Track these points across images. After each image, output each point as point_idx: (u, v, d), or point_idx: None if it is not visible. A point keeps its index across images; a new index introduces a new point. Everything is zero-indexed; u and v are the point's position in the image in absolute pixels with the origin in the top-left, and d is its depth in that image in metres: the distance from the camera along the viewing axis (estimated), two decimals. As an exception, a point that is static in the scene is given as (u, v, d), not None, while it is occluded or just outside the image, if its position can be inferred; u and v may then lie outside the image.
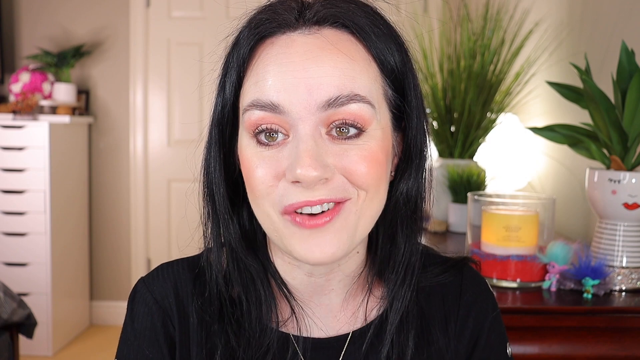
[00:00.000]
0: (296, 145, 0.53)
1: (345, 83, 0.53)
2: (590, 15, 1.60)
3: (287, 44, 0.54)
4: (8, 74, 3.41)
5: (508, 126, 1.85)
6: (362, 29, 0.55)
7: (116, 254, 3.57)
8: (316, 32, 0.54)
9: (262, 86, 0.54)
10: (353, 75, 0.53)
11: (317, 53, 0.53)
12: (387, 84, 0.57)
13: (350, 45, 0.55)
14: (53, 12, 3.45)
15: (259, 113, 0.54)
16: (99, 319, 3.57)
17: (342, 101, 0.53)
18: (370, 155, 0.54)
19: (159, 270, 0.67)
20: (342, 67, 0.53)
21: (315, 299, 0.64)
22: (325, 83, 0.52)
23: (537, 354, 0.98)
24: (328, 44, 0.54)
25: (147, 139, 3.55)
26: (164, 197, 3.57)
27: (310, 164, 0.51)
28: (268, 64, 0.54)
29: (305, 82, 0.52)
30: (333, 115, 0.53)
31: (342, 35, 0.55)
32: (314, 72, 0.52)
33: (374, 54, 0.56)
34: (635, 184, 1.05)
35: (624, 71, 1.06)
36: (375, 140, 0.55)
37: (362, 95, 0.54)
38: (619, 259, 1.09)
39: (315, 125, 0.53)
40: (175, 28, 3.48)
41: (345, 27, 0.55)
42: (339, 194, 0.54)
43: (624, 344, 0.99)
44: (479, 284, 0.70)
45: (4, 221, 3.05)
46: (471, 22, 1.79)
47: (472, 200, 1.19)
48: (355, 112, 0.53)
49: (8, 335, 2.19)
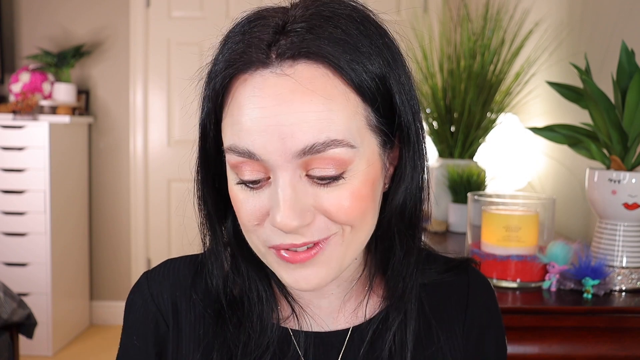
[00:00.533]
0: (275, 190, 0.52)
1: (321, 128, 0.50)
2: (590, 15, 1.60)
3: (260, 85, 0.51)
4: (8, 74, 3.41)
5: (508, 126, 1.85)
6: (337, 62, 0.51)
7: (116, 254, 3.57)
8: (289, 70, 0.50)
9: (237, 131, 0.52)
10: (329, 117, 0.50)
11: (288, 97, 0.50)
12: (370, 111, 0.54)
13: (326, 81, 0.51)
14: (53, 12, 3.45)
15: (237, 158, 0.53)
16: (99, 319, 3.57)
17: (318, 148, 0.50)
18: (352, 193, 0.53)
19: (162, 265, 0.68)
20: (317, 109, 0.50)
21: (314, 302, 0.64)
22: (298, 131, 0.50)
23: (537, 354, 0.98)
24: (300, 86, 0.50)
25: (147, 139, 3.54)
26: (164, 197, 3.57)
27: (288, 215, 0.51)
28: (242, 106, 0.52)
29: (278, 131, 0.50)
30: (311, 161, 0.51)
31: (316, 70, 0.51)
32: (286, 119, 0.50)
33: (352, 84, 0.52)
34: (635, 184, 1.05)
35: (624, 71, 1.06)
36: (358, 177, 0.53)
37: (339, 140, 0.51)
38: (619, 259, 1.09)
39: (294, 170, 0.51)
40: (175, 28, 3.48)
41: (320, 59, 0.51)
42: (322, 234, 0.54)
43: (624, 344, 0.99)
44: (485, 285, 0.70)
45: (4, 221, 3.05)
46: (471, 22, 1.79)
47: (472, 200, 1.19)
48: (334, 157, 0.51)
49: (8, 335, 2.19)
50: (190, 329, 0.64)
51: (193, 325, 0.64)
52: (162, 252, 3.58)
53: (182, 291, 0.65)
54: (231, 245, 0.63)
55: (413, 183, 0.59)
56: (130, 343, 0.66)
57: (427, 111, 1.81)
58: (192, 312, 0.65)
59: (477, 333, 0.67)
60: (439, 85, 1.80)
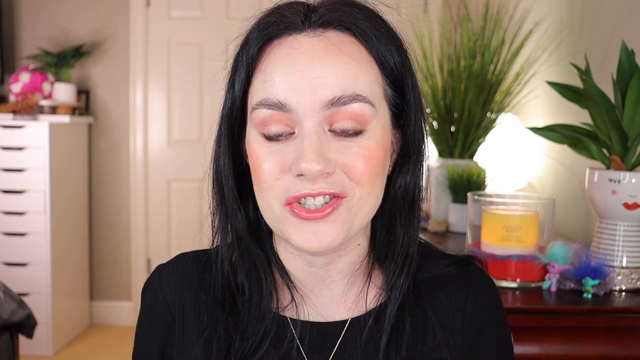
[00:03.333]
0: (301, 140, 0.56)
1: (348, 83, 0.56)
2: (590, 15, 1.60)
3: (293, 46, 0.57)
4: (8, 74, 3.41)
5: (508, 126, 1.85)
6: (364, 31, 0.58)
7: (116, 254, 3.57)
8: (321, 35, 0.57)
9: (269, 86, 0.57)
10: (355, 76, 0.56)
11: (321, 54, 0.56)
12: (387, 84, 0.60)
13: (353, 47, 0.57)
14: (53, 12, 3.45)
15: (266, 111, 0.57)
16: (99, 319, 3.57)
17: (344, 100, 0.55)
18: (369, 152, 0.57)
19: (174, 259, 0.72)
20: (345, 67, 0.56)
21: (316, 290, 0.65)
22: (329, 83, 0.55)
23: (537, 354, 0.99)
24: (331, 45, 0.56)
25: (147, 139, 3.55)
26: (164, 197, 3.57)
27: (313, 159, 0.54)
28: (275, 64, 0.57)
29: (310, 82, 0.55)
30: (336, 114, 0.56)
31: (345, 38, 0.58)
32: (319, 72, 0.55)
33: (375, 55, 0.59)
34: (635, 184, 1.05)
35: (624, 71, 1.06)
36: (375, 139, 0.58)
37: (363, 95, 0.56)
38: (619, 259, 1.09)
39: (319, 122, 0.56)
40: (175, 28, 3.48)
41: (348, 29, 0.58)
42: (337, 187, 0.57)
43: (624, 344, 0.99)
44: (486, 280, 0.71)
45: (4, 221, 3.05)
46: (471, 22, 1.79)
47: (472, 200, 1.19)
48: (357, 111, 0.56)
49: (8, 335, 2.19)
50: (194, 318, 0.67)
51: (197, 314, 0.67)
52: (162, 252, 3.58)
53: (188, 282, 0.69)
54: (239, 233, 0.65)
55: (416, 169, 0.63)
56: (141, 332, 0.71)
57: (427, 111, 1.81)
58: (197, 302, 0.68)
59: (477, 330, 0.67)
60: (439, 85, 1.80)
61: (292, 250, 0.64)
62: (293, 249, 0.63)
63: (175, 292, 0.69)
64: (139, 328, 0.72)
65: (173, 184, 3.57)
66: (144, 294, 0.71)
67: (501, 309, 0.71)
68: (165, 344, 0.69)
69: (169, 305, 0.68)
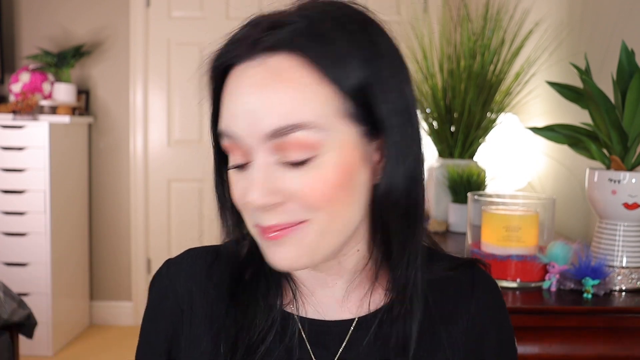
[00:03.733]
0: (251, 172, 0.57)
1: (288, 113, 0.54)
2: (590, 15, 1.60)
3: (240, 76, 0.57)
4: (8, 74, 3.41)
5: (508, 126, 1.85)
6: (314, 54, 0.55)
7: (116, 254, 3.57)
8: (263, 63, 0.56)
9: (222, 116, 0.58)
10: (296, 103, 0.54)
11: (260, 85, 0.55)
12: (348, 101, 0.56)
13: (298, 71, 0.55)
14: (53, 12, 3.45)
15: (226, 140, 0.58)
16: (99, 319, 3.57)
17: (285, 131, 0.54)
18: (323, 179, 0.55)
19: (183, 253, 0.72)
20: (285, 97, 0.54)
21: (319, 291, 0.66)
22: (268, 115, 0.54)
23: (537, 354, 0.99)
24: (272, 74, 0.55)
25: (147, 139, 3.54)
26: (164, 197, 3.57)
27: (256, 191, 0.55)
28: (226, 94, 0.58)
29: (250, 115, 0.55)
30: (281, 145, 0.55)
31: (290, 62, 0.55)
32: (258, 104, 0.55)
33: (330, 76, 0.55)
34: (635, 184, 1.05)
35: (624, 71, 1.06)
36: (329, 163, 0.56)
37: (305, 123, 0.54)
38: (619, 259, 1.09)
39: (269, 152, 0.56)
40: (175, 28, 3.48)
41: (299, 52, 0.55)
42: (292, 217, 0.57)
43: (624, 344, 0.99)
44: (490, 283, 0.71)
45: (4, 221, 3.04)
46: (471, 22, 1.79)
47: (472, 200, 1.19)
48: (301, 140, 0.54)
49: (8, 335, 2.19)
50: (203, 312, 0.68)
51: (206, 308, 0.68)
52: (162, 252, 3.58)
53: (197, 276, 0.69)
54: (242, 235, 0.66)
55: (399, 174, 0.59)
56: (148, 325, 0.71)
57: (427, 111, 1.81)
58: (206, 296, 0.68)
59: (480, 332, 0.68)
60: (439, 85, 1.80)
61: None
62: None
63: (184, 286, 0.69)
64: (145, 321, 0.72)
65: (173, 184, 3.57)
66: (151, 287, 0.72)
67: (504, 313, 0.71)
68: (172, 337, 0.69)
69: (178, 298, 0.69)
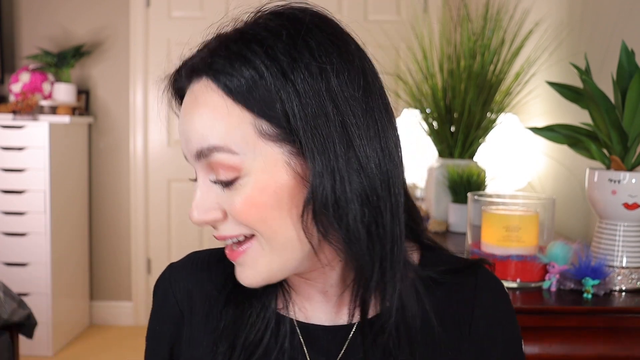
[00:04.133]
0: (195, 189, 0.60)
1: (205, 136, 0.57)
2: (590, 15, 1.60)
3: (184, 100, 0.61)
4: (8, 74, 3.41)
5: (508, 126, 1.85)
6: (219, 76, 0.57)
7: (116, 254, 3.57)
8: (191, 87, 0.60)
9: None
10: (213, 126, 0.57)
11: (188, 109, 0.59)
12: (264, 122, 0.55)
13: (213, 95, 0.57)
14: (53, 12, 3.45)
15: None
16: (99, 319, 3.57)
17: (205, 153, 0.57)
18: (245, 199, 0.56)
19: (186, 257, 0.74)
20: (203, 120, 0.57)
21: (315, 297, 0.66)
22: (192, 137, 0.58)
23: (537, 354, 0.98)
24: (194, 99, 0.59)
25: (147, 139, 3.54)
26: (164, 197, 3.57)
27: (193, 210, 0.59)
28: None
29: (185, 136, 0.59)
30: (209, 164, 0.58)
31: (208, 85, 0.58)
32: (186, 127, 0.59)
33: (237, 98, 0.56)
34: (635, 184, 1.05)
35: (624, 71, 1.06)
36: (251, 184, 0.56)
37: (220, 146, 0.56)
38: (619, 259, 1.09)
39: (205, 173, 0.59)
40: (175, 28, 3.48)
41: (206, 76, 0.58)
42: (233, 231, 0.59)
43: (624, 344, 0.99)
44: (494, 285, 0.69)
45: (4, 221, 3.04)
46: (471, 22, 1.79)
47: (472, 200, 1.19)
48: (219, 162, 0.57)
49: (8, 335, 2.19)
50: (203, 315, 0.69)
51: (206, 311, 0.69)
52: (162, 252, 3.58)
53: (199, 279, 0.71)
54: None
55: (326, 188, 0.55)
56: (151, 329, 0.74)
57: (427, 111, 1.81)
58: (207, 299, 0.69)
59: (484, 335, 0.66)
60: (439, 85, 1.80)
61: None
62: None
63: (185, 289, 0.71)
64: (150, 324, 0.74)
65: (173, 184, 3.57)
66: (155, 290, 0.74)
67: (510, 313, 0.69)
68: (175, 340, 0.71)
69: (178, 301, 0.71)
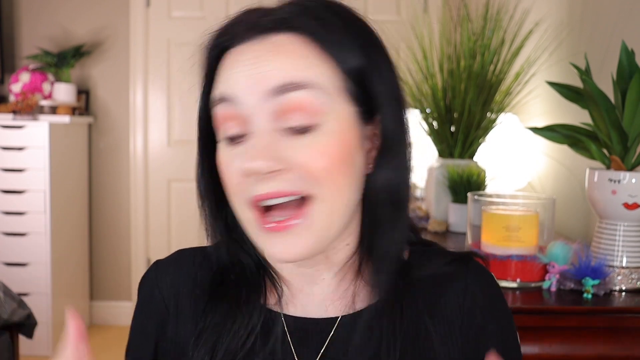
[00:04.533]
0: (250, 139, 0.57)
1: (292, 73, 0.55)
2: (590, 15, 1.60)
3: (241, 52, 0.58)
4: (8, 74, 3.41)
5: (508, 126, 1.85)
6: (314, 31, 0.57)
7: (116, 254, 3.57)
8: (265, 40, 0.57)
9: (218, 87, 0.59)
10: (299, 68, 0.56)
11: (264, 54, 0.57)
12: (347, 80, 0.58)
13: (301, 45, 0.57)
14: (53, 12, 3.45)
15: (221, 107, 0.58)
16: (99, 319, 3.57)
17: (288, 87, 0.55)
18: (325, 149, 0.56)
19: (172, 255, 0.73)
20: (289, 61, 0.56)
21: (306, 289, 0.65)
22: (272, 74, 0.55)
23: (537, 354, 0.98)
24: (275, 46, 0.57)
25: (147, 139, 3.54)
26: (164, 197, 3.57)
27: (256, 155, 0.54)
28: (228, 67, 0.59)
29: (254, 76, 0.56)
30: (281, 108, 0.55)
31: (293, 39, 0.57)
32: (261, 67, 0.56)
33: (330, 53, 0.57)
34: (635, 184, 1.05)
35: (624, 71, 1.06)
36: (330, 134, 0.56)
37: (308, 83, 0.55)
38: (619, 259, 1.09)
39: (268, 119, 0.56)
40: (175, 28, 3.48)
41: (299, 30, 0.57)
42: (294, 186, 0.56)
43: (624, 344, 0.99)
44: (485, 275, 0.69)
45: (4, 221, 3.04)
46: (471, 22, 1.79)
47: (472, 200, 1.19)
48: (300, 102, 0.55)
49: (8, 335, 2.19)
50: (189, 312, 0.68)
51: (192, 309, 0.68)
52: (162, 252, 3.56)
53: (184, 277, 0.70)
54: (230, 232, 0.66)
55: (396, 163, 0.61)
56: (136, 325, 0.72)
57: (427, 111, 1.81)
58: (192, 297, 0.68)
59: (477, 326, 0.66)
60: (439, 85, 1.80)
61: None
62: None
63: (171, 287, 0.69)
64: (134, 320, 0.73)
65: (173, 184, 3.57)
66: (140, 287, 0.72)
67: (502, 303, 0.68)
68: (160, 338, 0.70)
69: (164, 298, 0.69)
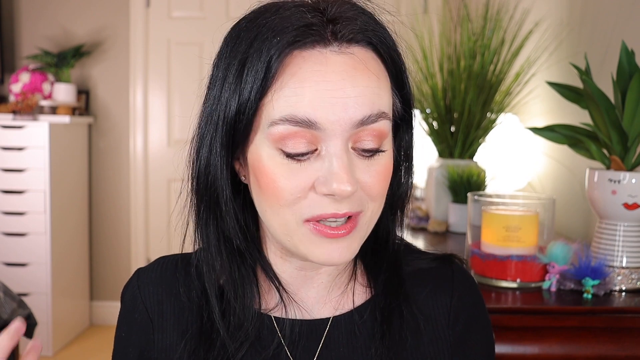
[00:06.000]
0: (330, 160, 0.55)
1: (375, 102, 0.56)
2: (590, 15, 1.60)
3: (322, 62, 0.55)
4: (8, 74, 3.41)
5: (508, 126, 1.85)
6: (386, 49, 0.58)
7: (116, 254, 3.57)
8: (347, 51, 0.56)
9: (296, 102, 0.54)
10: (379, 93, 0.57)
11: (351, 73, 0.55)
12: (398, 97, 0.61)
13: (375, 63, 0.58)
14: (53, 12, 3.45)
15: (291, 128, 0.54)
16: (99, 319, 3.57)
17: (372, 119, 0.56)
18: (385, 169, 0.59)
19: (154, 263, 0.72)
20: (372, 86, 0.56)
21: (303, 291, 0.66)
22: (360, 102, 0.55)
23: (537, 354, 0.98)
24: (360, 63, 0.56)
25: (147, 139, 3.54)
26: (164, 197, 3.57)
27: (347, 180, 0.54)
28: (304, 80, 0.54)
29: (342, 102, 0.54)
30: (362, 132, 0.56)
31: (368, 54, 0.57)
32: (350, 91, 0.54)
33: (391, 71, 0.59)
34: (635, 184, 1.05)
35: (624, 71, 1.06)
36: (387, 157, 0.59)
37: (386, 112, 0.57)
38: (619, 259, 1.09)
39: (346, 141, 0.56)
40: (175, 28, 3.48)
41: (372, 45, 0.58)
42: (358, 207, 0.58)
43: (624, 344, 0.99)
44: (469, 279, 0.72)
45: (4, 221, 3.05)
46: (471, 22, 1.79)
47: (472, 200, 1.19)
48: (381, 129, 0.57)
49: (8, 335, 2.19)
50: (174, 321, 0.67)
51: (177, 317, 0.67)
52: (162, 252, 3.55)
53: (168, 285, 0.69)
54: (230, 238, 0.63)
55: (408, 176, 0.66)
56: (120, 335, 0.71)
57: (427, 111, 1.81)
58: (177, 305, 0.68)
59: (462, 329, 0.68)
60: (439, 85, 1.79)
61: (283, 255, 0.65)
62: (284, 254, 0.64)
63: (154, 295, 0.69)
64: (118, 330, 0.72)
65: (173, 184, 3.57)
66: (122, 297, 0.71)
67: (485, 309, 0.72)
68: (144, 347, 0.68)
69: (147, 308, 0.68)
